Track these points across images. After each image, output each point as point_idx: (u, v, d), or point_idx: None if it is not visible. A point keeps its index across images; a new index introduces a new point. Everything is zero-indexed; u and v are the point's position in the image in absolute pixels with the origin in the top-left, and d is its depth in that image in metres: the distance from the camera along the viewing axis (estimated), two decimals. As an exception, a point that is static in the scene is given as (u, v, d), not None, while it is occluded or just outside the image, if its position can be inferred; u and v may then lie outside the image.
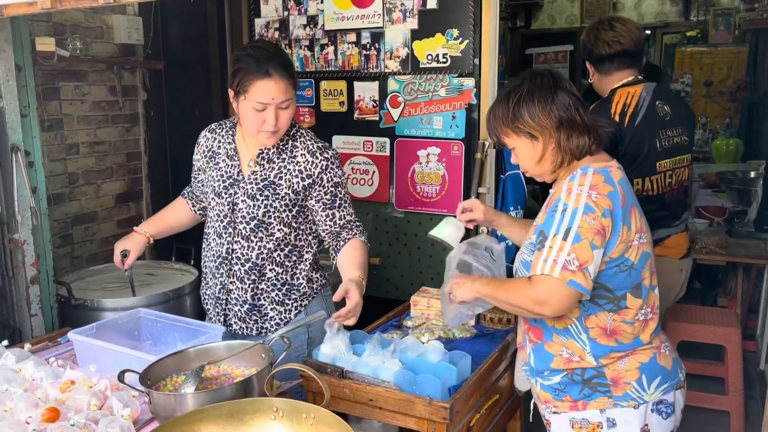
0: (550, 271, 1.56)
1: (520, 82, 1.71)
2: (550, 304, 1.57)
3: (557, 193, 1.67)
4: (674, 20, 7.48)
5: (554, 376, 1.76)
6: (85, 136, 3.37)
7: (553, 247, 1.58)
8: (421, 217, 3.17)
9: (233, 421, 1.50)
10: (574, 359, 1.72)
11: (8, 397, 1.69)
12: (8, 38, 2.13)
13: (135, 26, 3.49)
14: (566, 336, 1.71)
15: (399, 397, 1.80)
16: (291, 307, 2.16)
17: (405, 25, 2.99)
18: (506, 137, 1.73)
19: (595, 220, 1.57)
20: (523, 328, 1.87)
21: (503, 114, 1.70)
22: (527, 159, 1.73)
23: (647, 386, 1.68)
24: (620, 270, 1.63)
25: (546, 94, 1.66)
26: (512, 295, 1.66)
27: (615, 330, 1.68)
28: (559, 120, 1.65)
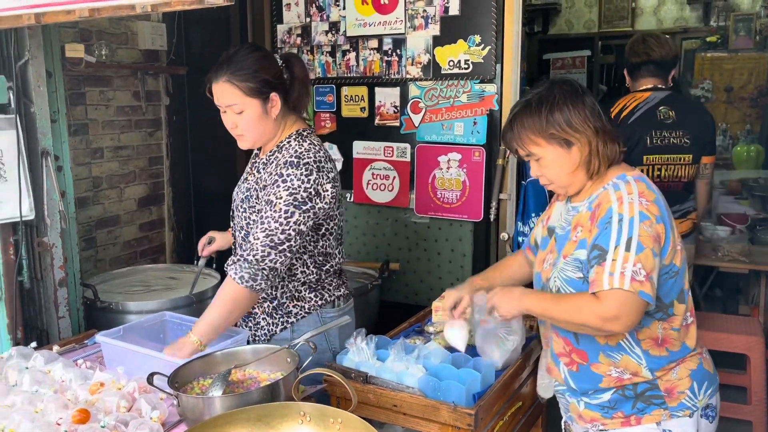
0: (619, 285, 1.48)
1: (546, 89, 1.66)
2: (621, 319, 1.49)
3: (605, 204, 1.60)
4: (694, 26, 7.41)
5: (603, 394, 1.70)
6: (109, 140, 3.42)
7: (616, 259, 1.51)
8: (441, 223, 3.18)
9: (261, 425, 1.52)
10: (625, 377, 1.66)
11: (38, 399, 1.72)
12: (39, 45, 2.17)
13: (159, 32, 3.53)
14: (619, 353, 1.65)
15: (423, 403, 1.81)
16: (278, 321, 2.07)
17: (427, 32, 3.01)
18: (535, 146, 1.66)
19: (651, 227, 1.53)
20: (558, 350, 1.79)
21: (534, 122, 1.63)
22: (559, 168, 1.66)
23: (698, 392, 1.66)
24: (669, 276, 1.60)
25: (577, 99, 1.63)
26: (575, 313, 1.56)
27: (665, 339, 1.64)
28: (594, 126, 1.62)
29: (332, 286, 2.11)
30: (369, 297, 3.09)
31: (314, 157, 1.92)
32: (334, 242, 2.07)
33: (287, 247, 1.88)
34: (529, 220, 2.93)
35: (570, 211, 1.76)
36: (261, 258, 1.86)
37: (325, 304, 2.09)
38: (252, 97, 1.89)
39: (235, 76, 1.87)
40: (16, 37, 2.13)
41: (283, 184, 1.88)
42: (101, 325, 2.48)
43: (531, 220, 2.94)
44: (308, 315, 2.07)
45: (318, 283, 2.08)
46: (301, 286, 2.05)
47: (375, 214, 3.35)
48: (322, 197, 1.92)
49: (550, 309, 1.64)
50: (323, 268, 2.06)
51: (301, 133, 2.00)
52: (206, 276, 3.03)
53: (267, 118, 1.94)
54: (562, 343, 1.76)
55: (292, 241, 1.88)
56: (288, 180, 1.88)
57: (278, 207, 1.86)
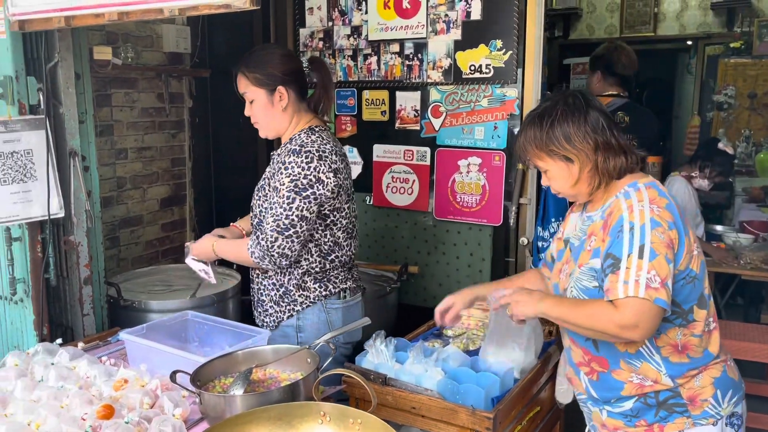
0: (634, 293, 1.48)
1: (552, 103, 1.67)
2: (640, 326, 1.48)
3: (616, 213, 1.61)
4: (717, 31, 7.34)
5: (625, 403, 1.69)
6: (133, 141, 3.47)
7: (630, 267, 1.50)
8: (461, 227, 3.18)
9: (282, 423, 1.53)
10: (646, 384, 1.65)
11: (64, 394, 1.75)
12: (69, 47, 2.21)
13: (183, 35, 3.58)
14: (639, 360, 1.65)
15: (442, 405, 1.81)
16: (285, 308, 2.18)
17: (448, 36, 3.02)
18: (539, 160, 1.70)
19: (664, 233, 1.53)
20: (578, 360, 1.78)
21: (536, 136, 1.66)
22: (562, 181, 1.69)
23: (722, 400, 1.65)
24: (686, 282, 1.59)
25: (579, 115, 1.63)
26: (592, 320, 1.55)
27: (686, 345, 1.63)
28: (595, 142, 1.62)
29: (338, 279, 2.20)
30: (387, 300, 3.10)
31: (317, 146, 2.04)
32: (342, 234, 2.15)
33: (293, 233, 2.01)
34: (549, 225, 2.92)
35: (585, 221, 1.76)
36: (270, 244, 2.02)
37: (329, 295, 2.17)
38: (258, 86, 2.08)
39: (248, 67, 2.09)
40: (46, 39, 2.17)
41: (285, 171, 2.01)
42: (124, 323, 2.52)
43: (551, 225, 2.93)
44: (313, 305, 2.16)
45: (323, 273, 2.16)
46: (306, 276, 2.14)
47: (394, 217, 3.37)
48: (325, 184, 2.02)
49: (566, 314, 1.62)
50: (328, 258, 2.14)
51: (313, 128, 2.13)
52: (227, 276, 3.07)
53: (273, 109, 2.10)
54: (581, 353, 1.76)
55: (297, 227, 2.01)
56: (290, 167, 2.01)
57: (282, 193, 2.01)
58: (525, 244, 2.95)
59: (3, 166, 2.13)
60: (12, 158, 2.14)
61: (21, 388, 1.79)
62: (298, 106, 2.13)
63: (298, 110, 2.14)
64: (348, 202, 2.16)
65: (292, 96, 2.11)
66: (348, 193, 2.16)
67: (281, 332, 2.20)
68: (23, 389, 1.79)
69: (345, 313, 2.22)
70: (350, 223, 2.19)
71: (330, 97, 2.20)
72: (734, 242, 3.96)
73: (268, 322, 2.22)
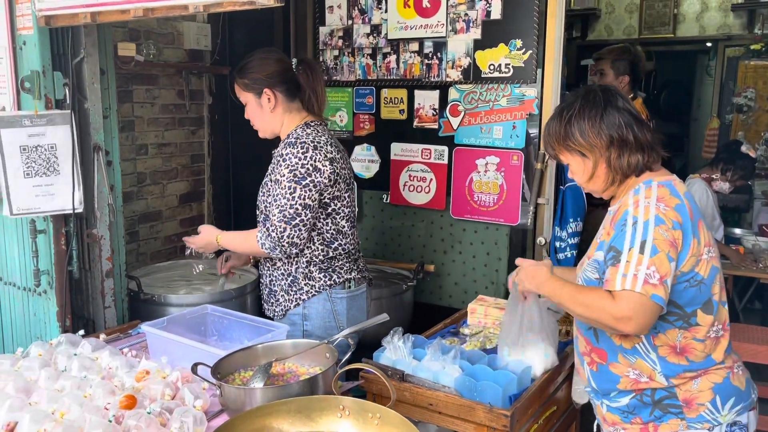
0: (631, 286, 1.50)
1: (574, 99, 1.71)
2: (634, 320, 1.50)
3: (623, 208, 1.64)
4: (737, 33, 7.26)
5: (622, 398, 1.71)
6: (153, 137, 3.51)
7: (630, 261, 1.52)
8: (477, 226, 3.18)
9: (301, 416, 1.55)
10: (642, 380, 1.66)
11: (86, 384, 1.78)
12: (94, 43, 2.24)
13: (204, 33, 3.61)
14: (634, 356, 1.66)
15: (459, 402, 1.82)
16: (293, 297, 2.24)
17: (468, 35, 3.02)
18: (560, 154, 1.75)
19: (667, 232, 1.54)
20: (581, 350, 1.82)
21: (556, 131, 1.71)
22: (579, 176, 1.75)
23: (721, 407, 1.63)
24: (690, 285, 1.59)
25: (595, 112, 1.65)
26: (590, 310, 1.58)
27: (685, 348, 1.63)
28: (609, 138, 1.65)
29: (343, 269, 2.26)
30: (403, 298, 3.11)
31: (312, 138, 2.14)
32: (345, 223, 2.23)
33: (299, 221, 2.10)
34: (566, 226, 2.92)
35: (608, 215, 1.78)
36: (280, 235, 2.11)
37: (334, 284, 2.24)
38: (246, 91, 2.22)
39: (238, 74, 2.24)
40: (73, 35, 2.21)
41: (283, 162, 2.11)
42: (144, 316, 2.55)
43: (568, 226, 2.93)
44: (318, 294, 2.22)
45: (327, 263, 2.22)
46: (311, 265, 2.21)
47: (411, 216, 3.37)
48: (321, 172, 2.11)
49: (566, 299, 1.65)
50: (332, 246, 2.21)
51: (308, 123, 2.22)
52: (245, 270, 3.09)
53: (263, 111, 2.21)
54: (584, 342, 1.79)
55: (302, 215, 2.10)
56: (287, 158, 2.10)
57: (283, 184, 2.10)
58: (542, 244, 2.94)
59: (27, 160, 2.17)
60: (36, 152, 2.18)
61: (45, 377, 1.82)
62: (288, 106, 2.23)
63: (289, 110, 2.23)
64: (348, 191, 2.24)
65: (280, 97, 2.20)
66: (347, 182, 2.23)
67: (288, 320, 2.26)
68: (47, 378, 1.82)
69: (350, 303, 2.28)
70: (351, 212, 2.27)
71: (319, 96, 2.26)
72: (753, 245, 3.92)
73: (278, 311, 2.29)
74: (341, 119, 3.47)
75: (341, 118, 3.47)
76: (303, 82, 2.25)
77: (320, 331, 2.25)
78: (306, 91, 2.25)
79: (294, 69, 2.25)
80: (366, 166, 3.42)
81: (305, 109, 2.27)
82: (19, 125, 2.12)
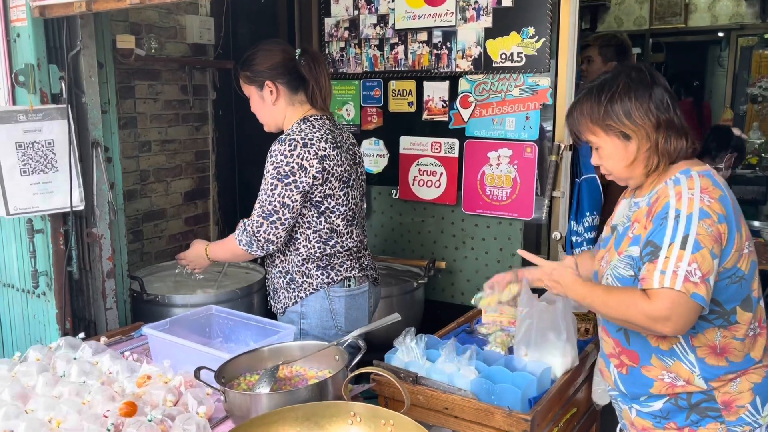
0: (671, 284, 1.39)
1: (613, 76, 1.58)
2: (672, 320, 1.40)
3: (662, 199, 1.52)
4: (750, 22, 7.13)
5: (654, 402, 1.61)
6: (156, 134, 3.43)
7: (670, 257, 1.41)
8: (490, 221, 3.09)
9: (309, 424, 1.47)
10: (678, 383, 1.56)
11: (86, 390, 1.71)
12: (91, 35, 2.16)
13: (207, 26, 3.53)
14: (672, 357, 1.56)
15: (476, 406, 1.74)
16: (291, 295, 2.20)
17: (478, 24, 2.92)
18: (592, 135, 1.60)
19: (712, 226, 1.43)
20: (609, 351, 1.71)
21: (593, 110, 1.57)
22: (616, 160, 1.60)
23: (761, 408, 1.55)
24: (732, 281, 1.49)
25: (643, 90, 1.53)
26: (623, 310, 1.47)
27: (725, 348, 1.53)
28: (657, 120, 1.52)
29: (343, 267, 2.19)
30: (414, 295, 3.02)
31: (304, 135, 2.07)
32: (341, 222, 2.15)
33: (276, 219, 2.05)
34: (583, 220, 2.82)
35: (632, 207, 1.68)
36: (256, 229, 2.08)
37: (332, 282, 2.17)
38: (248, 84, 2.19)
39: (241, 67, 2.21)
40: (69, 26, 2.12)
41: (270, 159, 2.07)
42: (147, 317, 2.48)
43: (585, 220, 2.83)
44: (316, 292, 2.17)
45: (326, 260, 2.16)
46: (308, 263, 2.15)
47: (420, 211, 3.28)
48: (307, 171, 2.04)
49: (597, 303, 1.56)
50: (329, 243, 2.15)
51: (307, 117, 2.16)
52: (251, 270, 3.02)
53: (265, 104, 2.18)
54: (612, 344, 1.68)
55: (279, 213, 2.05)
56: (273, 155, 2.06)
57: (267, 180, 2.07)
58: (558, 239, 2.84)
59: (24, 157, 2.09)
60: (33, 148, 2.10)
61: (43, 383, 1.75)
62: (291, 99, 2.17)
63: (292, 102, 2.18)
64: (344, 189, 2.14)
65: (282, 89, 2.15)
66: (343, 180, 2.14)
67: (287, 318, 2.22)
68: (45, 384, 1.75)
69: (348, 302, 2.20)
70: (349, 210, 2.18)
71: (323, 88, 2.20)
72: (774, 238, 3.81)
73: (279, 308, 2.26)
74: (348, 113, 3.38)
75: (348, 112, 3.38)
76: (306, 73, 2.17)
77: (317, 330, 2.18)
78: (310, 83, 2.18)
79: (297, 60, 2.17)
80: (374, 160, 3.33)
81: (309, 102, 2.20)
82: (14, 120, 2.04)
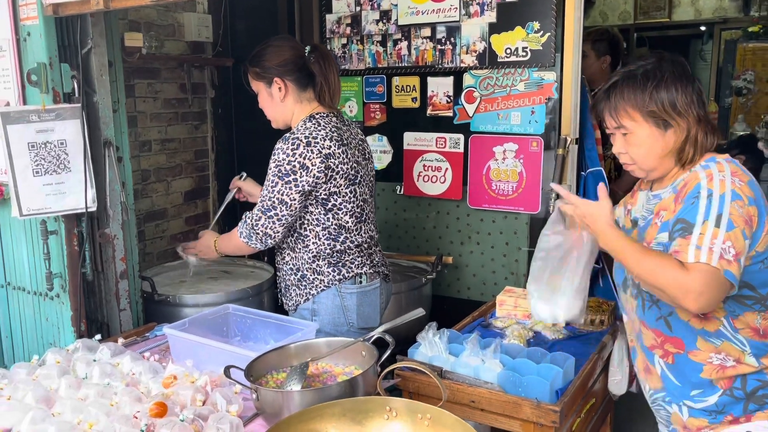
0: (707, 260, 1.38)
1: (655, 65, 1.58)
2: (705, 295, 1.38)
3: (692, 181, 1.53)
4: (733, 16, 7.24)
5: (709, 397, 1.58)
6: (156, 133, 3.39)
7: (704, 233, 1.41)
8: (496, 216, 3.10)
9: (346, 420, 1.47)
10: (728, 364, 1.56)
11: (110, 392, 1.69)
12: (102, 33, 2.13)
13: (205, 24, 3.49)
14: (719, 339, 1.56)
15: (504, 399, 1.75)
16: (303, 292, 2.20)
17: (483, 19, 2.92)
18: (629, 120, 1.57)
19: (743, 207, 1.44)
20: (650, 343, 1.67)
21: (636, 95, 1.55)
22: (647, 148, 1.58)
23: None
24: (765, 266, 1.51)
25: (687, 82, 1.55)
26: (656, 276, 1.43)
27: (767, 330, 1.55)
28: (698, 113, 1.55)
29: (354, 264, 2.19)
30: (422, 291, 3.03)
31: (308, 133, 2.06)
32: (349, 219, 2.15)
33: (274, 215, 2.07)
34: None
35: (651, 199, 1.68)
36: (255, 222, 2.11)
37: (344, 279, 2.17)
38: (257, 80, 2.19)
39: (250, 63, 2.19)
40: (80, 25, 2.09)
41: (273, 157, 2.08)
42: (158, 317, 2.46)
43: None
44: (327, 289, 2.16)
45: (337, 257, 2.16)
46: (319, 260, 2.15)
47: (425, 207, 3.29)
48: (309, 170, 2.03)
49: (629, 257, 1.49)
50: (338, 240, 2.15)
51: (313, 115, 2.15)
52: (258, 269, 3.00)
53: (274, 101, 2.17)
54: (653, 335, 1.67)
55: (277, 209, 2.06)
56: (276, 153, 2.07)
57: (269, 176, 2.08)
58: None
59: (36, 157, 2.06)
60: (45, 149, 2.07)
61: (66, 386, 1.73)
62: (299, 96, 2.17)
63: (300, 100, 2.18)
64: (351, 186, 2.14)
65: (291, 86, 2.15)
66: (349, 177, 2.13)
67: (299, 315, 2.22)
68: (68, 387, 1.72)
69: (360, 299, 2.20)
70: (357, 207, 2.18)
71: (331, 85, 2.19)
72: None
73: (290, 305, 2.26)
74: (351, 109, 3.37)
75: (351, 108, 3.37)
76: (315, 71, 2.17)
77: (329, 327, 2.17)
78: (318, 80, 2.17)
79: (306, 57, 2.17)
80: (378, 156, 3.33)
81: (317, 99, 2.20)
82: (26, 121, 2.01)
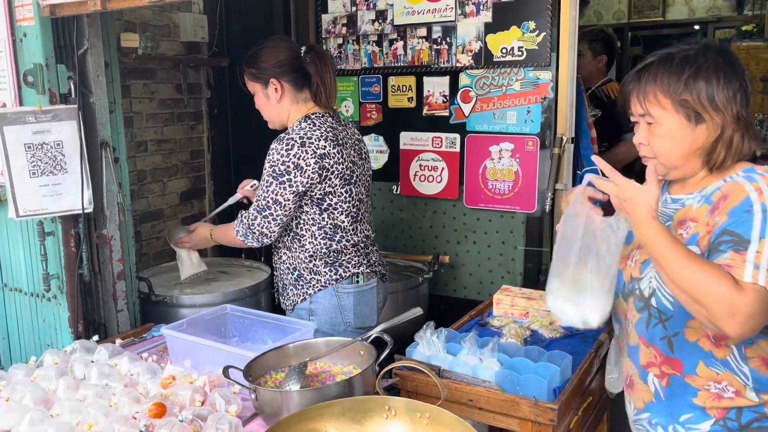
0: (765, 282, 1.25)
1: (699, 51, 1.40)
2: (754, 320, 1.24)
3: (738, 194, 1.35)
4: (727, 15, 7.27)
5: (701, 424, 1.45)
6: (152, 134, 3.39)
7: (761, 252, 1.26)
8: (492, 215, 3.11)
9: (346, 419, 1.47)
10: (726, 395, 1.43)
11: (109, 393, 1.69)
12: (98, 34, 2.13)
13: (200, 24, 3.49)
14: (723, 367, 1.42)
15: (502, 397, 1.75)
16: (300, 291, 2.21)
17: (478, 19, 2.93)
18: (658, 107, 1.40)
19: None
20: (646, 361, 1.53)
21: (669, 80, 1.38)
22: (674, 142, 1.41)
23: None
24: None
25: (731, 76, 1.37)
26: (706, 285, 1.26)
27: None
28: (738, 112, 1.37)
29: (351, 263, 2.20)
30: (419, 291, 3.04)
31: (303, 134, 2.07)
32: (344, 218, 2.16)
33: (269, 214, 2.10)
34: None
35: (669, 203, 1.52)
36: (251, 222, 2.14)
37: (340, 279, 2.18)
38: (253, 81, 2.20)
39: (246, 64, 2.20)
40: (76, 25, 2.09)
41: (268, 157, 2.10)
42: (155, 318, 2.46)
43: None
44: (324, 288, 2.17)
45: (333, 257, 2.17)
46: (315, 259, 2.16)
47: (422, 207, 3.30)
48: (303, 171, 2.05)
49: (672, 259, 1.29)
50: (334, 239, 2.16)
51: (309, 115, 2.16)
52: (256, 269, 3.00)
53: (270, 102, 2.19)
54: (653, 353, 1.52)
55: (271, 209, 2.09)
56: (271, 154, 2.09)
57: (264, 177, 2.10)
58: (560, 231, 2.87)
59: (32, 158, 2.06)
60: (42, 150, 2.06)
61: (64, 387, 1.73)
62: (295, 96, 2.18)
63: (296, 100, 2.19)
64: (346, 186, 2.15)
65: (287, 87, 2.16)
66: (344, 177, 2.14)
67: (296, 315, 2.23)
68: (66, 388, 1.72)
69: (357, 298, 2.21)
70: (353, 206, 2.18)
71: (327, 86, 2.19)
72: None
73: (288, 305, 2.26)
74: (347, 109, 3.38)
75: (347, 108, 3.38)
76: (311, 71, 2.17)
77: (326, 326, 2.19)
78: (315, 80, 2.18)
79: (302, 58, 2.17)
80: (374, 156, 3.33)
81: (313, 99, 2.20)
82: (22, 122, 2.01)
